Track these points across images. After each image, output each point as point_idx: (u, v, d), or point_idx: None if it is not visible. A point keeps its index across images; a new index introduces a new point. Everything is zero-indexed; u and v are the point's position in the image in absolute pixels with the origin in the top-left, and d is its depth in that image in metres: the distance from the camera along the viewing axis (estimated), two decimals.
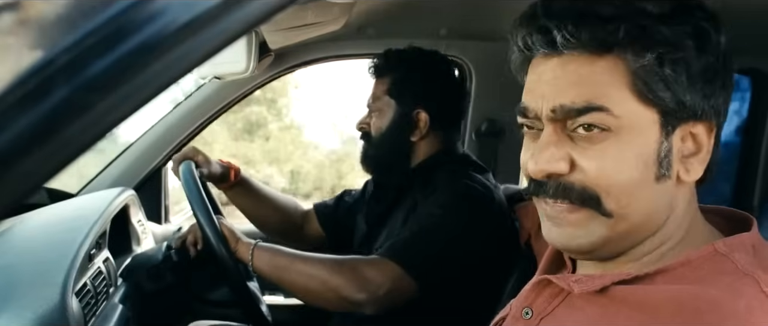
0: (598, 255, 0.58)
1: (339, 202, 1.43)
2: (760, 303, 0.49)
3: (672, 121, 0.53)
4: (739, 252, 0.53)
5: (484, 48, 1.61)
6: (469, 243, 1.07)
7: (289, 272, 1.03)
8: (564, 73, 0.53)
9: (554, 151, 0.54)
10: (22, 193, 0.34)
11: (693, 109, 0.52)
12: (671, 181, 0.54)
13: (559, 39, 0.52)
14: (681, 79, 0.51)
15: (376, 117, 1.22)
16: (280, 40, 1.36)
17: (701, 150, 0.54)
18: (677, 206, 0.56)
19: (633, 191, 0.53)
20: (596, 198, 0.53)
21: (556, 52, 0.53)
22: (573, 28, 0.51)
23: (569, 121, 0.53)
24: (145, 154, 1.58)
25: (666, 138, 0.53)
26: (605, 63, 0.52)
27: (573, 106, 0.52)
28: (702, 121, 0.54)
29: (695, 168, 0.54)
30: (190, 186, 1.09)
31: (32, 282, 0.86)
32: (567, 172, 0.54)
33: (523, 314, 0.63)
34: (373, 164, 1.24)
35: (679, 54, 0.51)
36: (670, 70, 0.51)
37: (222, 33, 0.35)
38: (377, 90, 1.22)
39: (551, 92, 0.54)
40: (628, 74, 0.51)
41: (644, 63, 0.51)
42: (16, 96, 0.32)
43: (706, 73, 0.52)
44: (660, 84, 0.51)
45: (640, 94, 0.52)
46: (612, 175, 0.52)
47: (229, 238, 1.06)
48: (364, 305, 1.00)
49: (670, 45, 0.51)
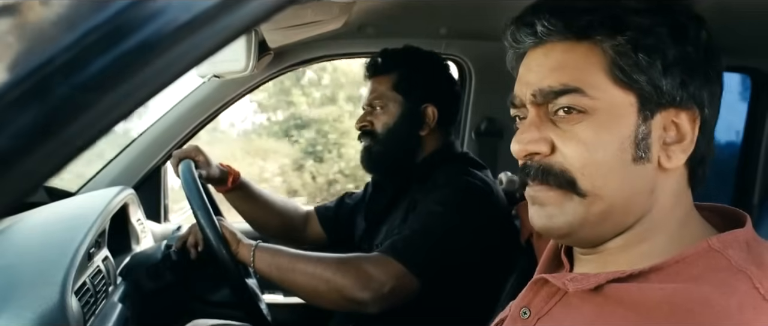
0: (579, 238, 0.59)
1: (340, 204, 1.43)
2: (753, 300, 0.49)
3: (649, 105, 0.55)
4: (732, 248, 0.53)
5: (484, 48, 1.61)
6: (469, 239, 1.08)
7: (292, 272, 1.03)
8: (546, 60, 0.58)
9: (535, 132, 0.57)
10: (22, 192, 0.34)
11: (671, 95, 0.55)
12: (651, 166, 0.56)
13: (539, 28, 0.57)
14: (656, 64, 0.54)
15: (382, 113, 1.21)
16: (279, 39, 1.36)
17: (684, 138, 0.56)
18: (662, 195, 0.57)
19: (608, 172, 0.55)
20: (572, 179, 0.56)
21: (540, 43, 0.58)
22: (552, 17, 0.56)
23: (550, 104, 0.57)
24: (145, 152, 1.58)
25: (644, 122, 0.55)
26: (583, 49, 0.56)
27: (551, 89, 0.56)
28: (684, 110, 0.55)
29: (677, 155, 0.56)
30: (189, 186, 1.08)
31: (32, 281, 0.86)
32: (547, 154, 0.57)
33: (522, 314, 0.63)
34: (379, 161, 1.23)
35: (651, 40, 0.54)
36: (644, 55, 0.54)
37: (221, 32, 0.35)
38: (380, 87, 1.22)
39: (535, 78, 0.58)
40: (605, 59, 0.55)
41: (619, 48, 0.54)
42: (15, 94, 0.32)
43: (683, 62, 0.54)
44: (635, 68, 0.54)
45: (616, 78, 0.55)
46: (587, 156, 0.55)
47: (230, 240, 1.06)
48: (368, 304, 1.00)
49: (642, 31, 0.54)
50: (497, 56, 1.69)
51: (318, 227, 1.43)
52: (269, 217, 1.40)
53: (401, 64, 1.22)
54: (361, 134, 1.25)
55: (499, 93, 1.62)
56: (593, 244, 0.60)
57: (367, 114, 1.24)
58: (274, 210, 1.40)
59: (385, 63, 1.23)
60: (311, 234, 1.45)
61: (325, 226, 1.43)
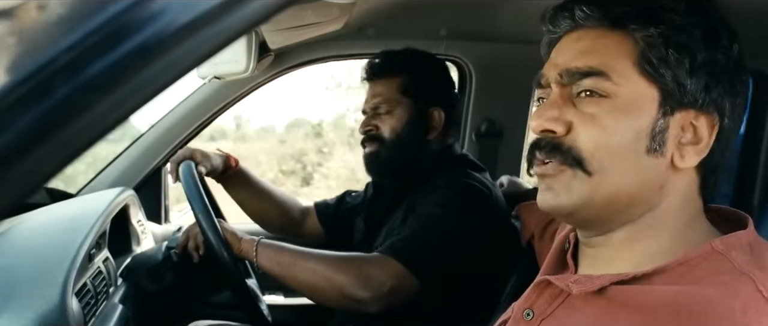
0: (583, 218, 0.59)
1: (340, 202, 1.42)
2: (756, 303, 0.49)
3: (671, 102, 0.55)
4: (736, 250, 0.53)
5: (484, 48, 1.61)
6: (469, 240, 1.08)
7: (293, 269, 1.03)
8: (578, 43, 0.59)
9: (556, 111, 0.58)
10: (23, 193, 0.34)
11: (693, 96, 0.55)
12: (664, 161, 0.56)
13: (577, 13, 0.59)
14: (684, 63, 0.55)
15: (388, 117, 1.19)
16: (280, 40, 1.36)
17: (700, 142, 0.56)
18: (671, 194, 0.57)
19: (619, 158, 0.56)
20: (579, 158, 0.57)
21: (575, 28, 0.60)
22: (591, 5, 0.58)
23: (574, 85, 0.58)
24: (145, 153, 1.58)
25: (663, 116, 0.56)
26: (615, 37, 0.57)
27: (578, 70, 0.57)
28: (703, 113, 0.56)
29: (691, 156, 0.56)
30: (191, 189, 1.08)
31: (32, 282, 0.86)
32: (563, 134, 0.58)
33: (525, 315, 0.63)
34: (385, 166, 1.21)
35: (684, 38, 0.55)
36: (674, 52, 0.55)
37: (222, 33, 0.35)
38: (385, 90, 1.20)
39: (564, 60, 0.59)
40: (635, 50, 0.56)
41: (650, 40, 0.55)
42: (16, 96, 0.32)
43: (711, 66, 0.55)
44: (662, 62, 0.55)
45: (643, 70, 0.55)
46: (602, 139, 0.56)
47: (232, 241, 1.06)
48: (368, 303, 1.00)
49: (677, 28, 0.55)
50: (497, 57, 1.70)
51: (316, 223, 1.42)
52: (268, 207, 1.39)
53: (407, 66, 1.20)
54: (366, 139, 1.22)
55: (499, 94, 1.63)
56: (597, 229, 0.60)
57: (370, 118, 1.21)
58: (273, 200, 1.39)
59: (389, 65, 1.21)
60: (309, 230, 1.43)
61: (323, 222, 1.41)
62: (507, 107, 1.64)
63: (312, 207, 1.44)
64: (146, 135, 1.59)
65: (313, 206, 1.44)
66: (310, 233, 1.43)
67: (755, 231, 0.57)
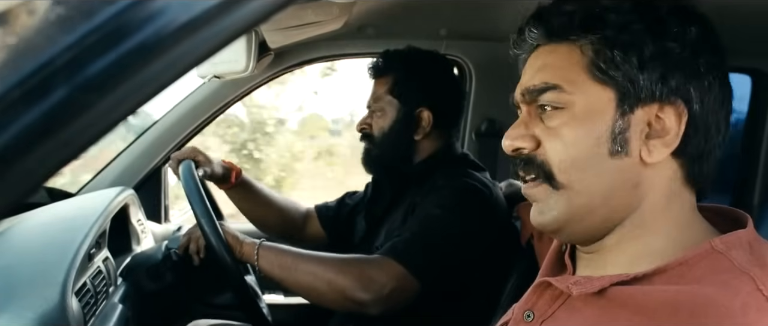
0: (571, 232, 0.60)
1: (341, 204, 1.43)
2: (756, 301, 0.49)
3: (628, 100, 0.56)
4: (735, 249, 0.53)
5: (484, 48, 1.61)
6: (469, 240, 1.08)
7: (294, 272, 1.03)
8: (535, 62, 0.62)
9: (522, 129, 0.61)
10: (23, 192, 0.34)
11: (650, 90, 0.55)
12: (630, 160, 0.56)
13: (527, 34, 0.62)
14: (632, 61, 0.55)
15: (378, 117, 1.21)
16: (279, 40, 1.36)
17: (668, 133, 0.56)
18: (650, 190, 0.57)
19: (584, 165, 0.57)
20: (550, 172, 0.58)
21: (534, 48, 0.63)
22: (536, 23, 0.61)
23: (535, 102, 0.60)
24: (145, 153, 1.58)
25: (622, 116, 0.56)
26: (563, 49, 0.59)
27: (535, 87, 0.60)
28: (667, 104, 0.55)
29: (658, 149, 0.56)
30: (190, 188, 1.08)
31: (32, 282, 0.86)
32: (533, 149, 0.60)
33: (525, 317, 0.63)
34: (376, 164, 1.24)
35: (626, 36, 0.55)
36: (620, 52, 0.55)
37: (221, 32, 0.35)
38: (378, 90, 1.22)
39: (525, 79, 0.62)
40: (583, 57, 0.57)
41: (594, 45, 0.57)
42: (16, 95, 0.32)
43: (663, 57, 0.55)
44: (610, 64, 0.56)
45: (594, 75, 0.57)
46: (564, 151, 0.57)
47: (233, 243, 1.06)
48: (369, 305, 1.00)
49: (617, 29, 0.56)
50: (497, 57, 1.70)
51: (318, 226, 1.43)
52: (270, 215, 1.40)
53: (397, 66, 1.21)
54: (362, 136, 1.25)
55: (499, 94, 1.62)
56: (588, 240, 0.60)
57: (367, 116, 1.25)
58: (274, 208, 1.40)
59: (383, 65, 1.23)
60: (311, 233, 1.44)
61: (325, 225, 1.42)
62: (507, 107, 1.62)
63: (313, 211, 1.45)
64: (146, 134, 1.59)
65: (314, 209, 1.45)
66: (312, 236, 1.44)
67: (755, 230, 0.57)
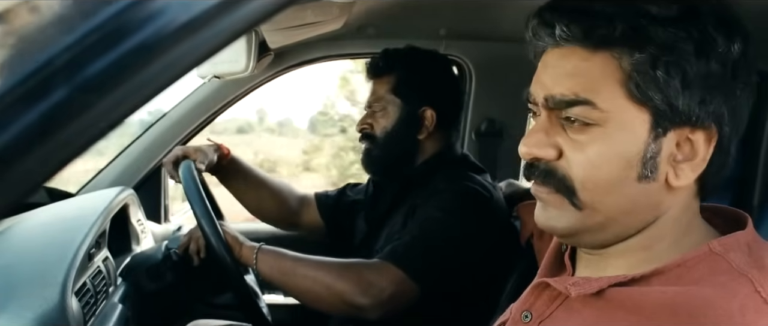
0: (578, 241, 0.59)
1: (341, 194, 1.41)
2: (754, 303, 0.49)
3: (663, 123, 0.53)
4: (734, 251, 0.53)
5: (484, 48, 1.61)
6: (469, 244, 1.07)
7: (293, 276, 1.03)
8: (562, 64, 0.55)
9: (543, 136, 0.56)
10: (22, 193, 0.34)
11: (687, 114, 0.52)
12: (657, 184, 0.54)
13: (557, 32, 0.54)
14: (674, 83, 0.51)
15: (380, 116, 1.20)
16: (279, 40, 1.36)
17: (696, 157, 0.54)
18: (669, 210, 0.56)
19: (610, 188, 0.54)
20: (572, 189, 0.55)
21: (558, 45, 0.56)
22: (571, 23, 0.53)
23: (560, 111, 0.55)
24: (145, 153, 1.58)
25: (655, 140, 0.53)
26: (600, 59, 0.53)
27: (563, 98, 0.54)
28: (700, 128, 0.53)
29: (686, 174, 0.54)
30: (191, 190, 1.08)
31: (32, 282, 0.86)
32: (554, 159, 0.56)
33: (523, 317, 0.63)
34: (378, 164, 1.23)
35: (674, 57, 0.51)
36: (663, 72, 0.51)
37: (221, 32, 0.35)
38: (379, 89, 1.21)
39: (549, 81, 0.56)
40: (621, 72, 0.52)
41: (636, 62, 0.52)
42: (15, 95, 0.32)
43: (706, 79, 0.51)
44: (651, 84, 0.51)
45: (631, 93, 0.52)
46: (590, 171, 0.54)
47: (233, 245, 1.05)
48: (368, 310, 1.00)
49: (664, 47, 0.51)
50: (497, 57, 1.70)
51: (315, 214, 1.40)
52: (264, 197, 1.37)
53: (400, 65, 1.21)
54: (362, 137, 1.24)
55: (499, 94, 1.63)
56: (594, 248, 0.60)
57: (367, 116, 1.23)
58: (268, 190, 1.37)
59: (384, 64, 1.22)
60: (307, 220, 1.41)
61: (323, 214, 1.40)
62: (507, 107, 1.64)
63: (311, 197, 1.42)
64: (146, 134, 1.59)
65: (313, 196, 1.42)
66: (308, 224, 1.42)
67: (755, 231, 0.56)
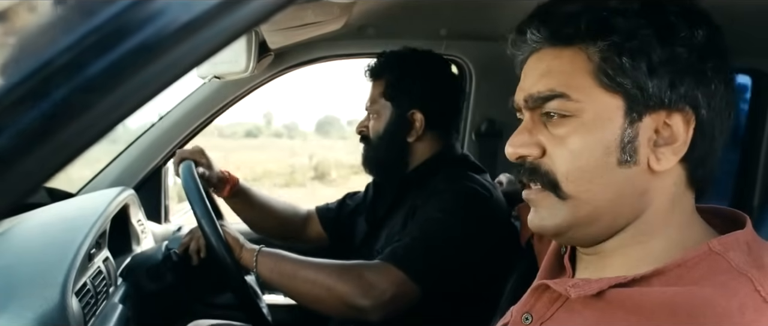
0: (572, 238, 0.60)
1: (341, 205, 1.43)
2: (754, 302, 0.49)
3: (637, 108, 0.55)
4: (733, 250, 0.53)
5: (484, 48, 1.61)
6: (469, 245, 1.07)
7: (294, 279, 1.03)
8: (538, 66, 0.59)
9: (526, 136, 0.59)
10: (22, 193, 0.34)
11: (659, 97, 0.54)
12: (638, 168, 0.55)
13: (528, 36, 0.59)
14: (640, 67, 0.54)
15: (374, 119, 1.22)
16: (279, 40, 1.36)
17: (677, 140, 0.55)
18: (656, 197, 0.56)
19: (592, 177, 0.56)
20: (555, 182, 0.57)
21: (534, 50, 0.60)
22: (539, 25, 0.58)
23: (539, 109, 0.58)
24: (145, 153, 1.58)
25: (630, 124, 0.55)
26: (569, 54, 0.57)
27: (539, 94, 0.58)
28: (676, 111, 0.55)
29: (667, 157, 0.55)
30: (191, 190, 1.08)
31: (32, 282, 0.86)
32: (538, 156, 0.58)
33: (523, 319, 0.63)
34: (373, 166, 1.25)
35: (635, 43, 0.54)
36: (628, 58, 0.54)
37: (221, 32, 0.35)
38: (374, 92, 1.22)
39: (528, 84, 0.60)
40: (590, 63, 0.55)
41: (601, 52, 0.55)
42: (15, 96, 0.32)
43: (672, 63, 0.54)
44: (619, 71, 0.54)
45: (601, 81, 0.55)
46: (571, 162, 0.56)
47: (234, 246, 1.06)
48: (369, 311, 1.00)
49: (626, 35, 0.54)
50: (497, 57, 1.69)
51: (318, 228, 1.43)
52: (269, 220, 1.41)
53: (391, 69, 1.21)
54: (360, 138, 1.26)
55: (499, 94, 1.62)
56: (588, 244, 0.60)
57: (365, 119, 1.25)
58: (273, 214, 1.41)
59: (378, 68, 1.23)
60: (312, 235, 1.45)
61: (325, 227, 1.43)
62: (507, 107, 1.63)
63: (313, 213, 1.45)
64: (146, 134, 1.59)
65: (315, 211, 1.45)
66: (313, 238, 1.45)
67: (753, 230, 0.57)
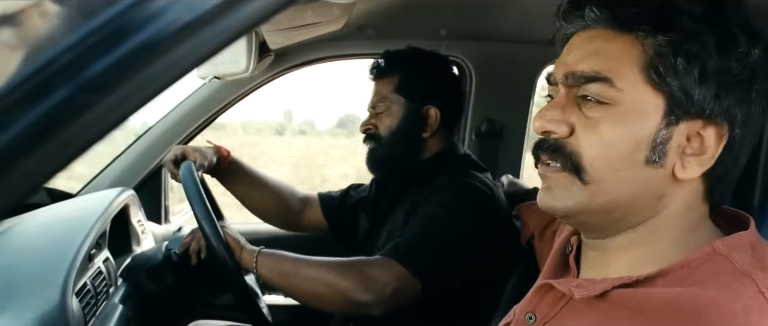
0: (580, 221, 0.60)
1: (345, 195, 1.42)
2: (758, 304, 0.49)
3: (677, 111, 0.54)
4: (737, 252, 0.53)
5: (484, 48, 1.61)
6: (471, 241, 1.08)
7: (294, 278, 1.03)
8: (587, 44, 0.58)
9: (558, 112, 0.58)
10: (23, 193, 0.34)
11: (701, 106, 0.53)
12: (663, 171, 0.55)
13: (587, 13, 0.57)
14: (692, 71, 0.53)
15: (385, 116, 1.21)
16: (280, 40, 1.36)
17: (705, 153, 0.54)
18: (671, 203, 0.56)
19: (617, 167, 0.55)
20: (579, 166, 0.56)
21: (586, 27, 0.59)
22: (601, 6, 0.56)
23: (579, 88, 0.57)
24: (145, 154, 1.58)
25: (666, 127, 0.54)
26: (623, 41, 0.55)
27: (583, 74, 0.56)
28: (712, 124, 0.54)
29: (693, 167, 0.55)
30: (191, 191, 1.08)
31: (32, 282, 0.86)
32: (565, 136, 0.57)
33: (527, 319, 0.63)
34: (383, 163, 1.24)
35: (695, 46, 0.52)
36: (683, 60, 0.53)
37: (222, 33, 0.35)
38: (383, 89, 1.22)
39: (572, 60, 0.58)
40: (642, 55, 0.54)
41: (658, 47, 0.53)
42: (16, 96, 0.32)
43: (723, 75, 0.53)
44: (670, 70, 0.53)
45: (649, 77, 0.54)
46: (600, 149, 0.55)
47: (234, 246, 1.05)
48: (371, 306, 1.00)
49: (687, 35, 0.53)
50: (497, 57, 1.70)
51: (318, 214, 1.41)
52: (266, 198, 1.38)
53: (403, 65, 1.22)
54: (366, 137, 1.25)
55: (499, 94, 1.63)
56: (596, 233, 0.60)
57: (371, 117, 1.24)
58: (270, 190, 1.38)
59: (387, 65, 1.23)
60: (309, 221, 1.42)
61: (327, 215, 1.41)
62: (507, 107, 1.64)
63: (314, 198, 1.43)
64: (146, 135, 1.59)
65: (317, 197, 1.43)
66: (311, 224, 1.42)
67: (756, 231, 0.57)
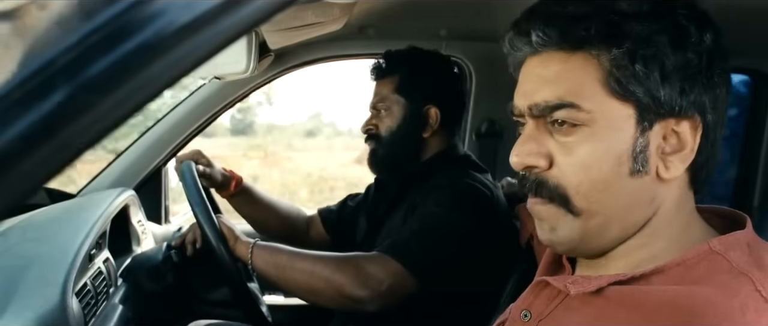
0: (582, 251, 0.59)
1: (342, 206, 1.44)
2: (755, 302, 0.49)
3: (648, 116, 0.53)
4: (734, 250, 0.53)
5: (484, 48, 1.61)
6: (469, 240, 1.08)
7: (290, 271, 1.03)
8: (543, 70, 0.56)
9: (533, 145, 0.57)
10: (22, 193, 0.34)
11: (669, 105, 0.53)
12: (649, 177, 0.55)
13: (534, 38, 0.55)
14: (653, 75, 0.52)
15: (386, 116, 1.22)
16: (280, 40, 1.36)
17: (684, 148, 0.54)
18: (663, 204, 0.56)
19: (604, 187, 0.54)
20: (565, 196, 0.55)
21: (536, 52, 0.57)
22: (546, 27, 0.54)
23: (546, 117, 0.56)
24: (145, 154, 1.58)
25: (642, 134, 0.54)
26: (578, 60, 0.54)
27: (547, 104, 0.55)
28: (685, 118, 0.54)
29: (675, 165, 0.55)
30: (188, 184, 1.09)
31: (33, 283, 0.86)
32: (545, 168, 0.56)
33: (522, 316, 0.63)
34: (384, 163, 1.24)
35: (651, 50, 0.52)
36: (641, 66, 0.52)
37: (222, 33, 0.35)
38: (383, 90, 1.23)
39: (531, 89, 0.57)
40: (600, 70, 0.53)
41: (614, 59, 0.53)
42: (16, 96, 0.32)
43: (683, 69, 0.53)
44: (631, 79, 0.52)
45: (612, 90, 0.53)
46: (583, 171, 0.54)
47: (228, 237, 1.06)
48: (367, 302, 1.00)
49: (640, 40, 0.52)
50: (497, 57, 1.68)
51: (321, 229, 1.44)
52: (272, 221, 1.41)
53: (403, 65, 1.22)
54: (367, 137, 1.25)
55: (499, 94, 1.63)
56: (598, 255, 0.60)
57: (372, 117, 1.25)
58: (276, 214, 1.41)
59: (388, 65, 1.24)
60: (314, 237, 1.46)
61: (328, 228, 1.43)
62: (507, 107, 1.64)
63: (316, 216, 1.46)
64: (146, 135, 1.59)
65: (317, 213, 1.46)
66: (316, 240, 1.45)
67: (753, 231, 0.57)
